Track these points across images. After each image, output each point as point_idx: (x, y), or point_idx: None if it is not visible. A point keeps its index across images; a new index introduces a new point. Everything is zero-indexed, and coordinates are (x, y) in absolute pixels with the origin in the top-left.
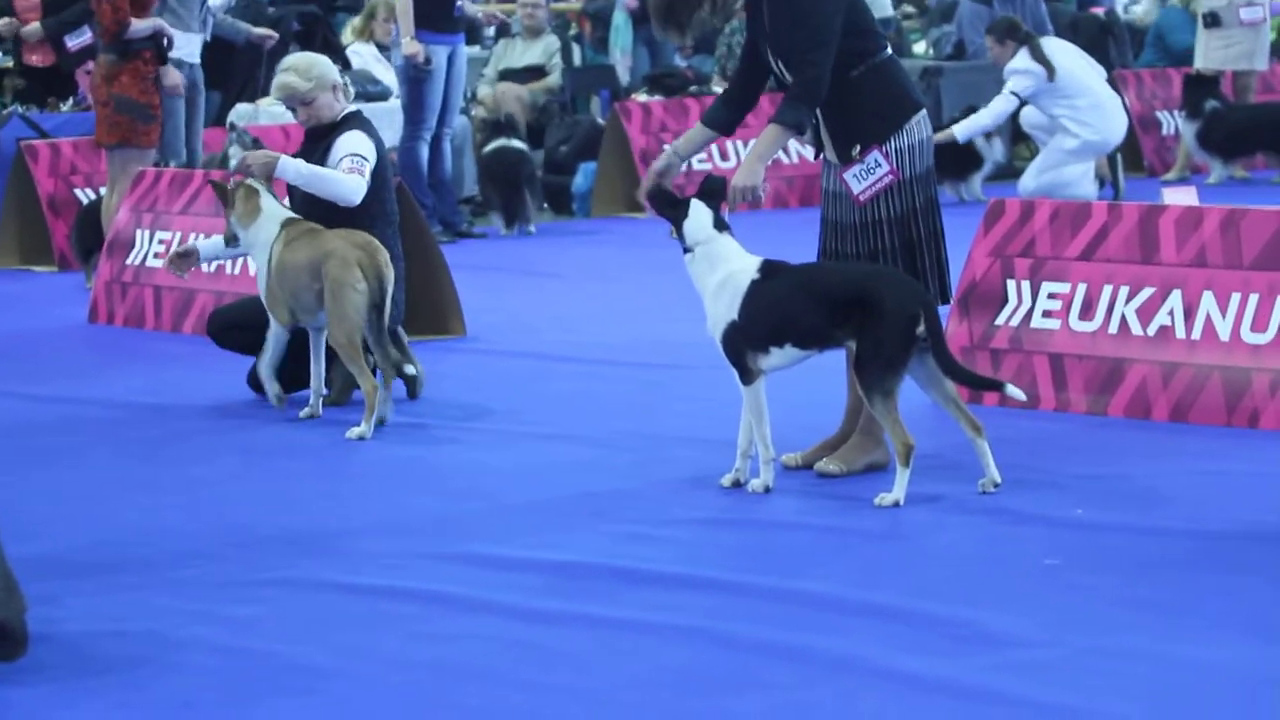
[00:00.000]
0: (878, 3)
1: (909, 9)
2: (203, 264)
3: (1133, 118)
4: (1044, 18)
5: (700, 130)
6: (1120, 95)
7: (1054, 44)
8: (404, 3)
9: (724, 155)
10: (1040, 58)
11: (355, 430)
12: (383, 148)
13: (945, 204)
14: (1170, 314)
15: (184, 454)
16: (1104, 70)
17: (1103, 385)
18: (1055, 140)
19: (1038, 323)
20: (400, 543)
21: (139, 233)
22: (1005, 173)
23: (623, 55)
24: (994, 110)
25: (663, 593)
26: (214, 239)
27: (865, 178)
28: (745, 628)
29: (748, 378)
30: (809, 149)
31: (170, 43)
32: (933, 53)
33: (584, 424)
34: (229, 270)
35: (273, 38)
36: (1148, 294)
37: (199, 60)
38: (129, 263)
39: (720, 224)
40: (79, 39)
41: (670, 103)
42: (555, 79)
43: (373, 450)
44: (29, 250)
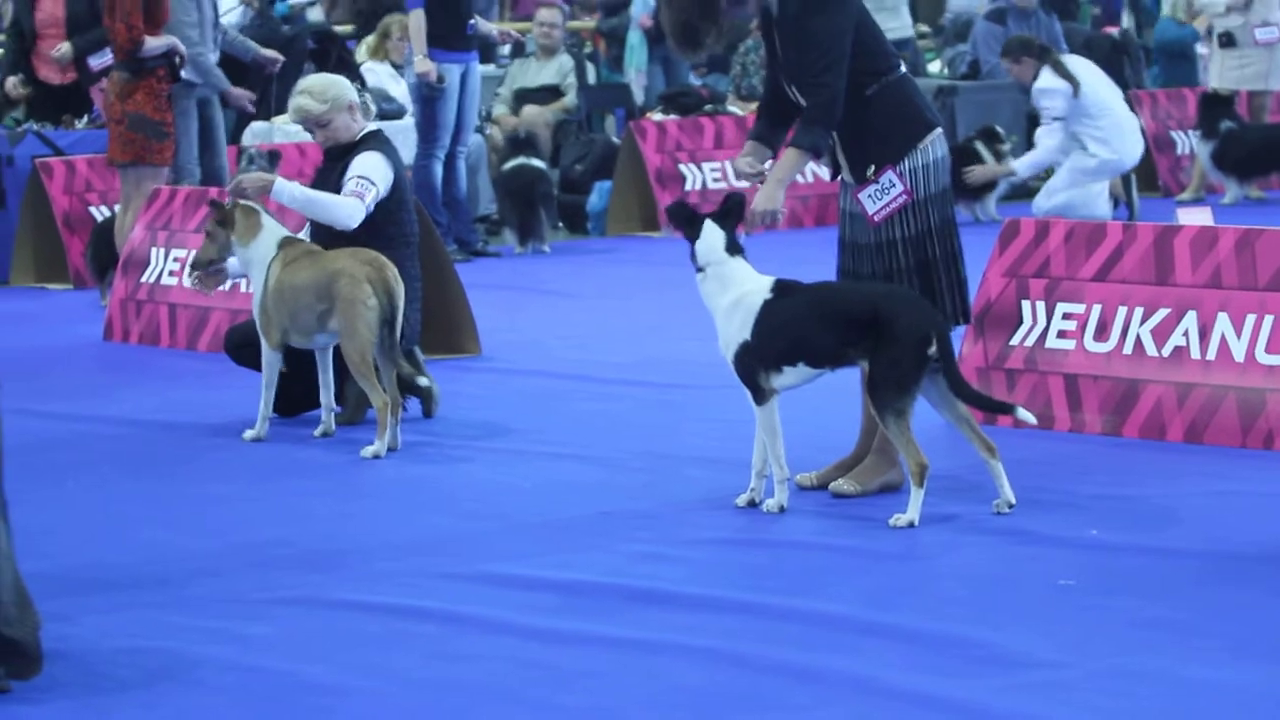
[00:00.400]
0: (900, 24)
1: (924, 29)
2: (228, 282)
3: (1148, 137)
4: (1058, 36)
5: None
6: (1136, 115)
7: (1075, 61)
8: (417, 21)
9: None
10: (1064, 74)
11: (369, 449)
12: (401, 168)
13: (960, 223)
14: (1185, 335)
15: (198, 472)
16: (1120, 90)
17: (1117, 406)
18: (1073, 159)
19: (1052, 343)
20: (415, 562)
21: (154, 250)
22: (1020, 192)
23: (638, 74)
24: (1048, 146)
25: (678, 613)
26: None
27: (880, 198)
28: (760, 648)
29: (760, 397)
30: (825, 169)
31: (183, 60)
32: (948, 72)
33: (598, 443)
34: (244, 288)
35: (278, 61)
36: (1163, 314)
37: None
38: (144, 280)
39: (733, 246)
40: (101, 59)
41: (685, 121)
42: (571, 99)
43: (387, 469)
44: (44, 268)
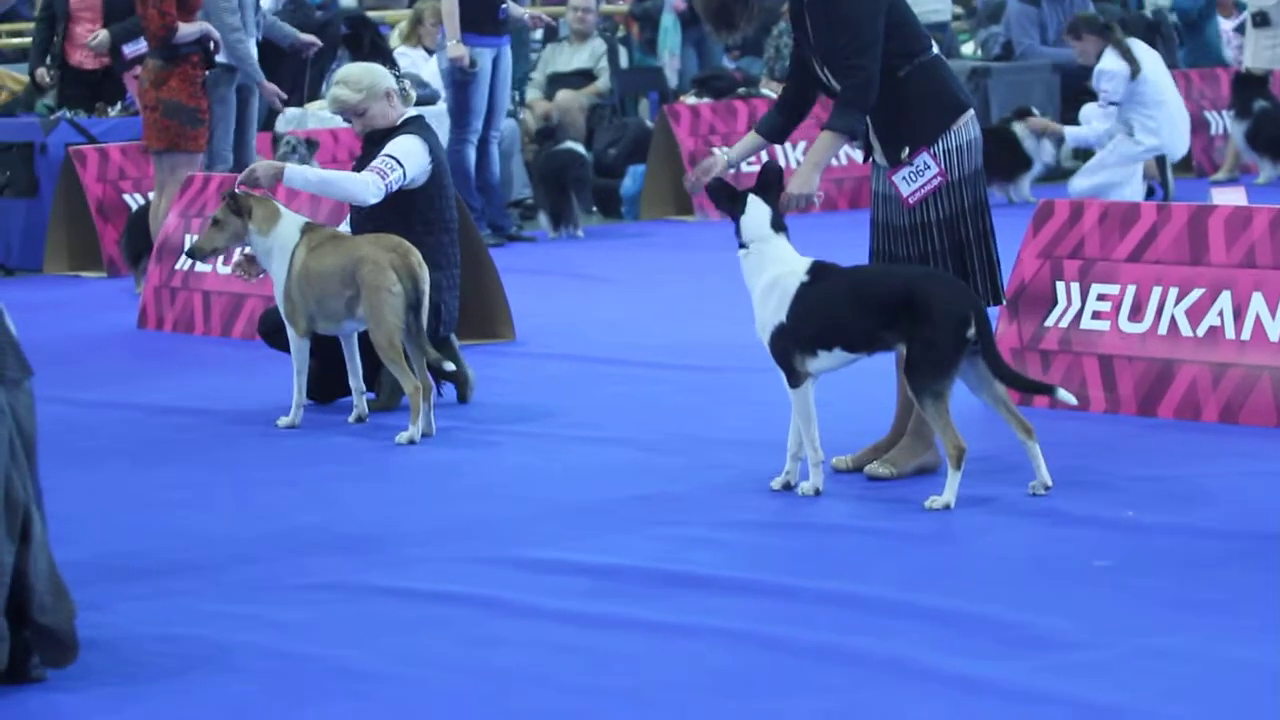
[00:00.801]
0: (939, 6)
1: (957, 10)
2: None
3: None
4: None
5: (752, 137)
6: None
7: (1139, 46)
8: (449, 5)
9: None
10: (1128, 56)
11: (404, 434)
12: (440, 152)
13: (994, 205)
14: (1220, 314)
15: (232, 458)
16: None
17: (1153, 386)
18: (1118, 143)
19: (1087, 324)
20: (449, 547)
21: (188, 237)
22: (1054, 174)
23: (671, 57)
24: (1099, 129)
25: (714, 596)
26: None
27: (914, 180)
28: (796, 631)
29: (796, 380)
30: (858, 152)
31: (217, 46)
32: (981, 54)
33: (633, 427)
34: None
35: (315, 45)
36: (1197, 295)
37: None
38: (178, 268)
39: (778, 223)
40: (136, 47)
41: (719, 105)
42: (604, 82)
43: (421, 454)
44: (78, 256)
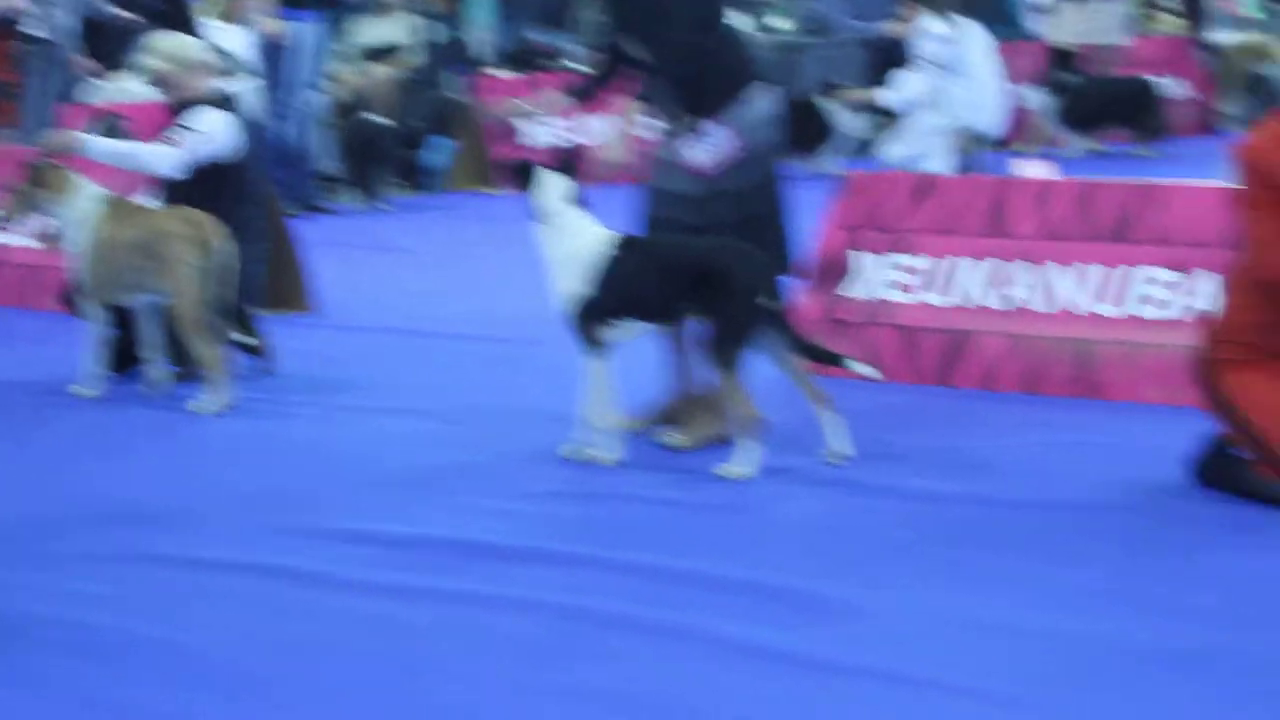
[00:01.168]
0: None
1: None
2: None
3: None
4: None
5: (558, 95)
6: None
7: (966, 21)
8: None
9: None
10: (950, 23)
11: (202, 404)
12: (244, 126)
13: (796, 177)
14: (1021, 286)
15: (30, 430)
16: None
17: (953, 357)
18: (931, 115)
19: (888, 295)
20: (248, 517)
21: None
22: (857, 147)
23: (480, 31)
24: (917, 88)
25: (511, 566)
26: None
27: (708, 149)
28: (593, 601)
29: (592, 350)
30: (657, 121)
31: (19, 17)
32: (795, 28)
33: (433, 398)
34: None
35: (134, 20)
36: (998, 266)
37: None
38: None
39: (572, 196)
40: None
41: (527, 78)
42: (413, 56)
43: (220, 425)
44: None
